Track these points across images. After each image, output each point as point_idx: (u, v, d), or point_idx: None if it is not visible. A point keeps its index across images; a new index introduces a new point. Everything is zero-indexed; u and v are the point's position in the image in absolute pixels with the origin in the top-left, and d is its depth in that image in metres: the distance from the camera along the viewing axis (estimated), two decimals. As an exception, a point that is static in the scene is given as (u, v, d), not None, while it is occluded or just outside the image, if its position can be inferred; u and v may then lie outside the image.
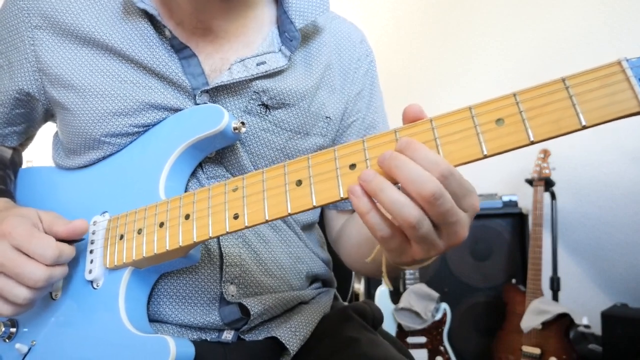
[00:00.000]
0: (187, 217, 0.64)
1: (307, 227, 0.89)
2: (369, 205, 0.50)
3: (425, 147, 0.48)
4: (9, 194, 0.84)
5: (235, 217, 0.59)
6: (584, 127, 0.45)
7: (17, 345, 0.73)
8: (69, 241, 0.69)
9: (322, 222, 0.97)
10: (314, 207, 0.55)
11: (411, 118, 0.52)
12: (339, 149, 0.55)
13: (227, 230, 0.60)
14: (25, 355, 0.73)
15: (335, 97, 0.86)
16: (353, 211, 0.89)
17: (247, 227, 0.58)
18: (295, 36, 0.79)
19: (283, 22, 0.82)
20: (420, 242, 0.50)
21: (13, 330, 0.76)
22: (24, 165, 0.92)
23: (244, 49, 0.81)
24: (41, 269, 0.64)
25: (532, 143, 0.47)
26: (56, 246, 0.66)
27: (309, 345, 0.78)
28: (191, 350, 0.67)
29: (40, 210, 0.71)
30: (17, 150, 0.90)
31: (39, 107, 0.83)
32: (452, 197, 0.48)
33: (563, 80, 0.47)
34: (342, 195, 0.53)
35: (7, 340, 0.75)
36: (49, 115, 0.86)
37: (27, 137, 0.91)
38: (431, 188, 0.46)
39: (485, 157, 0.49)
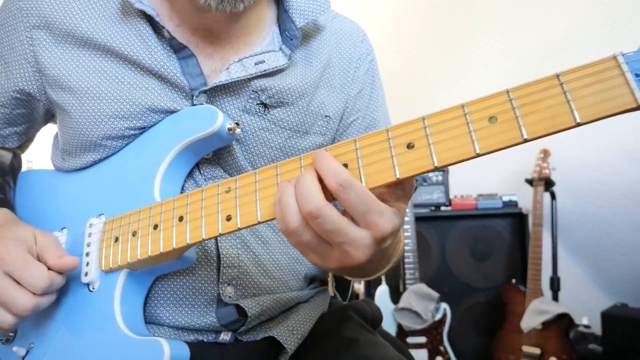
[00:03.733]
0: (180, 219, 0.64)
1: (305, 229, 0.89)
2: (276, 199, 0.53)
3: (333, 159, 0.51)
4: (7, 203, 0.83)
5: (228, 218, 0.59)
6: (579, 124, 0.44)
7: (15, 348, 0.73)
8: None
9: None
10: None
11: None
12: (331, 149, 0.54)
13: (220, 232, 0.59)
14: (23, 358, 0.73)
15: (335, 95, 0.86)
16: None
17: (239, 229, 0.58)
18: (295, 35, 0.79)
19: (284, 21, 0.81)
20: (307, 249, 0.53)
21: (11, 333, 0.76)
22: (23, 167, 0.92)
23: (244, 48, 0.81)
24: (29, 299, 0.64)
25: (526, 141, 0.46)
26: (48, 276, 0.65)
27: (308, 344, 0.78)
28: (186, 352, 0.67)
29: (38, 231, 0.70)
30: (17, 155, 0.90)
31: (40, 107, 0.82)
32: (350, 209, 0.50)
33: (557, 76, 0.46)
34: None
35: (5, 343, 0.75)
36: (49, 116, 0.86)
37: (27, 138, 0.90)
38: (309, 207, 0.49)
39: (478, 155, 0.48)
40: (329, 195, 0.51)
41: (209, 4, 0.71)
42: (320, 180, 0.51)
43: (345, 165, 0.53)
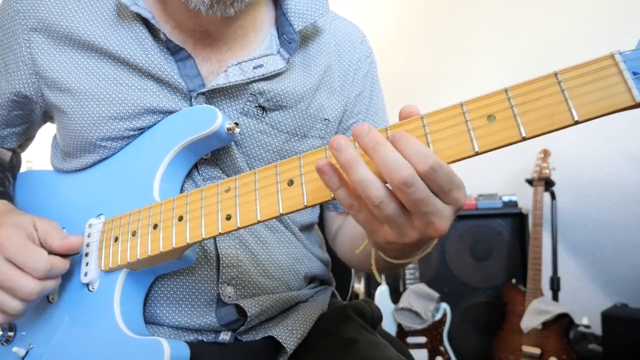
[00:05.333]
0: (180, 218, 0.64)
1: (305, 228, 0.89)
2: (338, 183, 0.50)
3: (417, 140, 0.48)
4: (7, 196, 0.84)
5: (228, 218, 0.59)
6: (577, 122, 0.45)
7: (15, 349, 0.73)
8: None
9: (321, 222, 0.97)
10: (306, 207, 0.54)
11: (406, 118, 0.53)
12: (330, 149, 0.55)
13: (220, 231, 0.59)
14: (23, 358, 0.73)
15: (334, 98, 0.86)
16: None
17: (239, 228, 0.58)
18: (294, 38, 0.79)
19: (282, 23, 0.81)
20: (387, 222, 0.51)
21: (11, 334, 0.76)
22: (23, 166, 0.92)
23: (242, 50, 0.80)
24: (33, 283, 0.65)
25: (524, 139, 0.46)
26: (48, 260, 0.66)
27: (307, 344, 0.78)
28: (186, 352, 0.67)
29: (36, 217, 0.71)
30: (16, 153, 0.90)
31: (37, 109, 0.83)
32: (437, 189, 0.48)
33: (555, 74, 0.46)
34: (333, 195, 0.53)
35: (4, 344, 0.75)
36: (47, 117, 0.86)
37: (26, 138, 0.91)
38: (403, 175, 0.46)
39: (477, 154, 0.48)
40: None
41: (199, 8, 0.71)
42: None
43: None
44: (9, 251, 0.65)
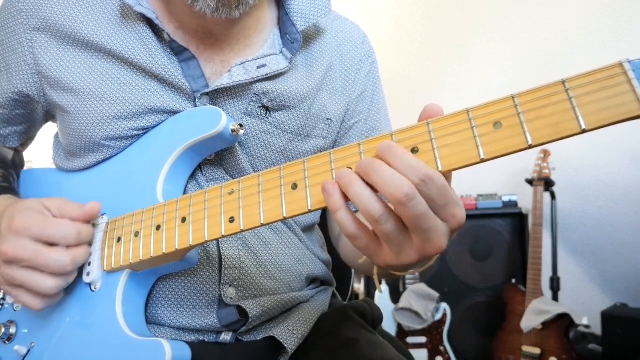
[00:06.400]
0: (183, 220, 0.64)
1: (308, 229, 0.89)
2: (340, 203, 0.50)
3: (407, 152, 0.48)
4: (13, 191, 0.84)
5: (231, 220, 0.59)
6: (584, 131, 0.44)
7: (16, 347, 0.73)
8: None
9: (322, 222, 0.97)
10: (310, 211, 0.54)
11: (428, 117, 0.52)
12: (334, 152, 0.54)
13: (223, 233, 0.59)
14: (24, 357, 0.73)
15: (336, 98, 0.86)
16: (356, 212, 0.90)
17: (242, 231, 0.58)
18: (296, 38, 0.79)
19: (285, 24, 0.81)
20: (387, 241, 0.50)
21: (12, 331, 0.76)
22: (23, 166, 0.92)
23: (245, 51, 0.81)
24: (65, 253, 0.65)
25: (531, 147, 0.46)
26: (74, 226, 0.66)
27: (308, 344, 0.78)
28: (187, 353, 0.67)
29: (43, 199, 0.70)
30: (18, 152, 0.90)
31: (39, 109, 0.82)
32: (430, 203, 0.47)
33: (563, 82, 0.45)
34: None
35: (6, 342, 0.75)
36: (49, 117, 0.86)
37: (28, 138, 0.90)
38: (403, 190, 0.46)
39: (483, 161, 0.48)
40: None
41: (204, 11, 0.71)
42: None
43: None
44: (31, 230, 0.64)
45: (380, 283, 0.62)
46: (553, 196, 2.29)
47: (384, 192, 0.47)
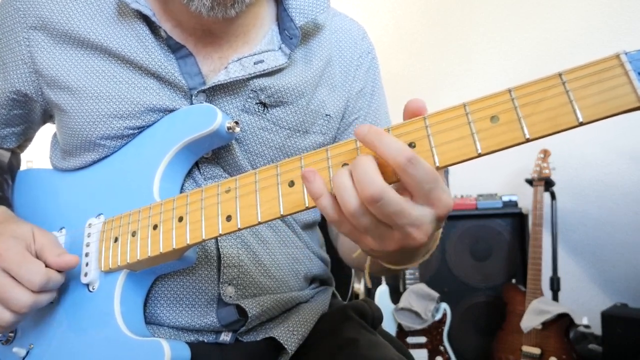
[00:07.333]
0: (180, 219, 0.63)
1: (307, 227, 0.89)
2: (321, 190, 0.50)
3: (388, 136, 0.47)
4: (5, 201, 0.83)
5: (228, 219, 0.59)
6: (581, 124, 0.44)
7: (15, 349, 0.73)
8: None
9: (322, 222, 0.97)
10: (307, 209, 0.54)
11: (411, 113, 0.52)
12: (331, 149, 0.54)
13: (220, 232, 0.59)
14: (24, 358, 0.73)
15: (335, 94, 0.85)
16: None
17: (240, 229, 0.58)
18: (295, 34, 0.79)
19: (283, 19, 0.81)
20: (365, 232, 0.50)
21: (11, 334, 0.76)
22: (23, 166, 0.92)
23: (243, 47, 0.80)
24: (27, 295, 0.64)
25: (528, 140, 0.46)
26: (45, 273, 0.65)
27: (308, 344, 0.78)
28: (186, 352, 0.66)
29: (37, 228, 0.70)
30: (15, 154, 0.90)
31: (37, 108, 0.82)
32: (416, 187, 0.47)
33: (560, 75, 0.45)
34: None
35: (5, 344, 0.75)
36: (47, 116, 0.86)
37: (25, 139, 0.90)
38: (369, 191, 0.46)
39: (480, 155, 0.47)
40: (386, 179, 0.49)
41: (200, 11, 0.71)
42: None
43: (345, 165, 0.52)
44: (6, 262, 0.64)
45: (371, 278, 0.62)
46: (553, 196, 2.29)
47: (355, 188, 0.48)
